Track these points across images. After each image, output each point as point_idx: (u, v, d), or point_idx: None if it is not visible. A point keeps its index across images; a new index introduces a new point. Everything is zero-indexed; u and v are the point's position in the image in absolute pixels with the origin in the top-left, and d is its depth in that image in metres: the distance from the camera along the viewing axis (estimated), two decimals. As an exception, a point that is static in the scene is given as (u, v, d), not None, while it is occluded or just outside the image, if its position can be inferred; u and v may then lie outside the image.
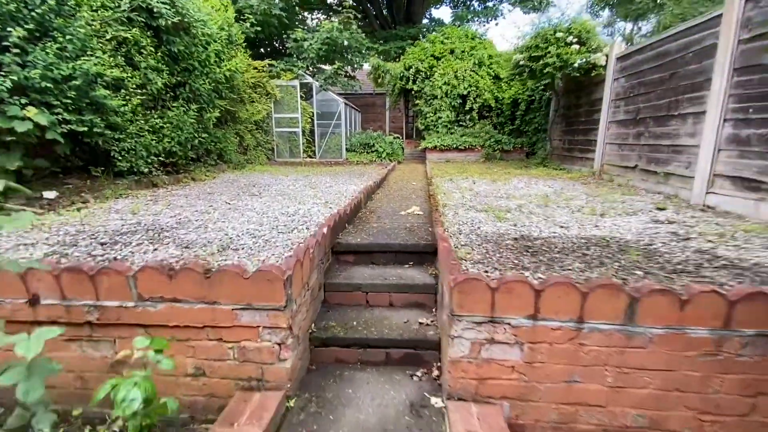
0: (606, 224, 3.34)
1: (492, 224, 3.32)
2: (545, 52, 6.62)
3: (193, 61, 6.40)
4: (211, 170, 7.51)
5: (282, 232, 3.08)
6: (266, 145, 10.47)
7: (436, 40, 11.13)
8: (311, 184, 5.99)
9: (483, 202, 4.35)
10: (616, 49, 6.28)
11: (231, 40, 7.61)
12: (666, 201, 4.40)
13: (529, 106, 9.93)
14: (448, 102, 10.60)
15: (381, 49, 13.24)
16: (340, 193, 5.17)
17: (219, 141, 7.99)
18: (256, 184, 6.04)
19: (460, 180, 6.34)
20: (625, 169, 5.90)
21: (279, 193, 5.11)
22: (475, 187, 5.53)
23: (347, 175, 7.42)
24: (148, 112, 5.73)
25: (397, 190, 5.94)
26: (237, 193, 5.16)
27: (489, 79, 10.58)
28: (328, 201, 4.50)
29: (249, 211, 3.90)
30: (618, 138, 6.12)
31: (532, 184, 5.81)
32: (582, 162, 7.41)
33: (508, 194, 4.85)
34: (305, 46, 9.88)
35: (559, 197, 4.65)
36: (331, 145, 10.85)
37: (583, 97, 7.45)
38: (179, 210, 3.96)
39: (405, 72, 10.94)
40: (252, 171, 8.21)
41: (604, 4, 15.20)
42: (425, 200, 5.03)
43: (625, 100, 5.95)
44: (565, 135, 8.26)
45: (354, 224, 3.68)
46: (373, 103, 17.00)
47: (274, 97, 10.20)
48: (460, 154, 10.42)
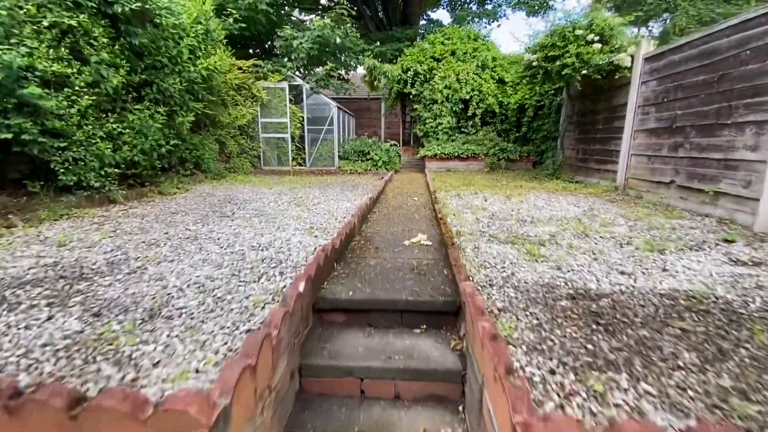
0: (676, 267, 2.54)
1: (528, 266, 2.50)
2: (563, 52, 5.88)
3: (162, 57, 5.55)
4: (185, 181, 6.63)
5: (244, 282, 2.24)
6: (252, 152, 9.61)
7: (436, 41, 10.39)
8: (297, 200, 5.15)
9: (505, 229, 3.54)
10: (644, 49, 5.55)
11: (209, 36, 6.77)
12: (724, 228, 3.63)
13: (537, 112, 9.20)
14: (449, 107, 9.85)
15: (377, 50, 12.50)
16: (329, 212, 4.33)
17: (195, 148, 7.12)
18: (232, 200, 5.18)
19: (468, 195, 5.54)
20: (657, 185, 5.15)
21: (256, 213, 4.25)
22: (488, 205, 4.73)
23: (339, 188, 6.59)
24: (104, 116, 4.86)
25: (397, 207, 5.13)
26: (205, 213, 4.30)
27: (493, 83, 9.86)
28: (313, 226, 3.65)
29: (211, 243, 3.04)
30: (647, 149, 5.37)
31: (553, 201, 5.02)
32: (600, 174, 6.66)
33: (532, 217, 4.05)
34: (295, 45, 9.07)
35: (594, 221, 3.86)
36: (322, 152, 10.02)
37: (602, 102, 6.72)
38: (123, 240, 3.09)
39: (402, 75, 10.17)
40: (233, 182, 7.34)
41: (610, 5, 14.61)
42: (431, 221, 4.21)
43: (657, 106, 5.22)
44: (579, 144, 7.52)
45: (345, 261, 2.85)
46: (367, 107, 16.22)
47: (260, 100, 9.36)
48: (462, 163, 9.65)
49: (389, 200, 5.74)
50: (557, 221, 3.87)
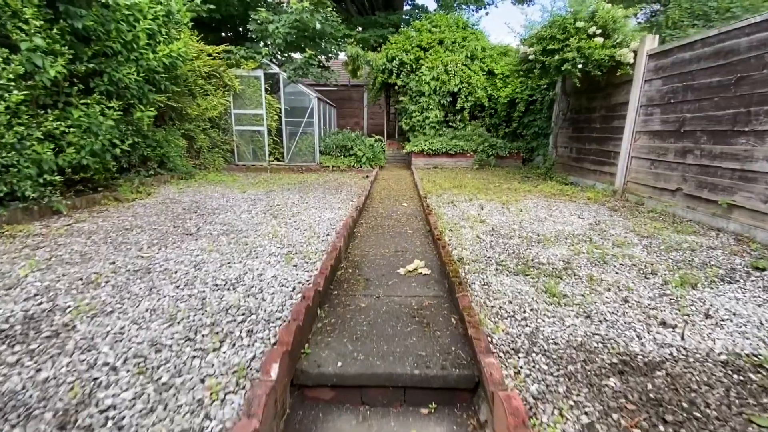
0: (719, 311, 2.19)
1: (552, 313, 2.09)
2: (563, 45, 5.45)
3: (113, 43, 4.81)
4: (148, 183, 5.93)
5: (201, 350, 1.73)
6: (224, 146, 8.88)
7: (422, 29, 9.79)
8: (273, 209, 4.59)
9: (511, 251, 3.13)
10: (648, 44, 5.19)
11: (171, 18, 5.99)
12: (745, 248, 3.34)
13: (529, 107, 8.81)
14: (436, 100, 9.34)
15: (359, 36, 11.76)
16: (310, 227, 3.81)
17: (159, 145, 6.40)
18: (198, 208, 4.57)
19: (462, 202, 5.11)
20: (661, 191, 4.85)
21: (225, 230, 3.69)
22: (486, 216, 4.31)
23: (321, 190, 6.05)
24: (42, 113, 4.14)
25: (386, 217, 4.65)
26: (165, 229, 3.70)
27: (482, 75, 9.39)
28: (292, 249, 3.14)
29: (165, 280, 2.49)
30: (650, 152, 5.06)
31: (554, 210, 4.66)
32: (596, 176, 6.36)
33: (537, 233, 3.65)
34: (270, 29, 8.30)
35: (605, 239, 3.50)
36: (302, 147, 9.37)
37: (599, 100, 6.37)
38: (56, 276, 2.50)
39: (387, 64, 9.55)
40: (202, 182, 6.67)
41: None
42: (426, 237, 3.76)
43: (662, 107, 4.88)
44: (573, 142, 7.20)
45: (331, 302, 2.37)
46: (349, 96, 15.49)
47: (233, 90, 8.60)
48: (450, 160, 9.22)
49: (376, 206, 5.25)
50: (566, 239, 3.48)
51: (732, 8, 8.47)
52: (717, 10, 8.79)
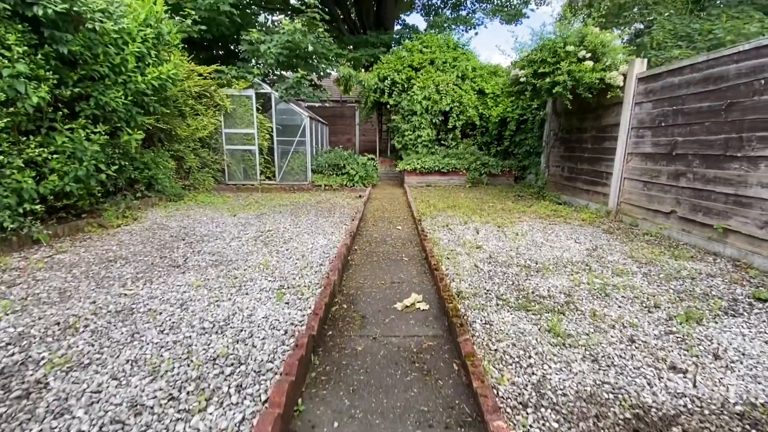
0: (727, 351, 2.12)
1: (558, 357, 2.00)
2: (554, 68, 5.50)
3: (100, 67, 4.71)
4: (135, 207, 5.77)
5: (185, 411, 1.60)
6: (215, 165, 8.75)
7: (414, 49, 9.90)
8: (264, 235, 4.46)
9: (511, 282, 3.05)
10: (638, 68, 5.27)
11: (161, 40, 5.93)
12: (744, 274, 3.31)
13: (520, 126, 8.89)
14: (428, 119, 9.37)
15: (350, 56, 11.86)
16: (303, 256, 3.70)
17: (146, 167, 6.26)
18: (187, 235, 4.43)
19: (457, 225, 5.04)
20: (655, 213, 4.86)
21: (214, 260, 3.55)
22: (482, 241, 4.24)
23: (314, 212, 5.94)
24: (24, 140, 4.00)
25: (380, 242, 4.55)
26: (151, 260, 3.55)
27: (473, 94, 9.47)
28: (284, 283, 3.02)
29: (149, 323, 2.35)
30: (643, 174, 5.08)
31: (550, 234, 4.61)
32: (589, 196, 6.37)
33: (535, 261, 3.58)
34: (262, 50, 8.30)
35: (604, 267, 3.44)
36: (293, 165, 9.28)
37: (589, 121, 6.43)
38: (31, 319, 2.34)
39: (379, 83, 9.60)
40: (191, 204, 6.53)
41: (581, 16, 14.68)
42: (422, 265, 3.67)
43: (653, 130, 4.93)
44: (565, 162, 7.24)
45: (325, 346, 2.25)
46: (341, 113, 15.53)
47: (224, 109, 8.53)
48: (443, 178, 9.21)
49: (370, 230, 5.16)
50: (565, 267, 3.42)
51: (714, 30, 8.73)
52: (700, 32, 9.05)
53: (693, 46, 8.95)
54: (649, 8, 10.51)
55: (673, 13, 10.28)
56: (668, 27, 9.35)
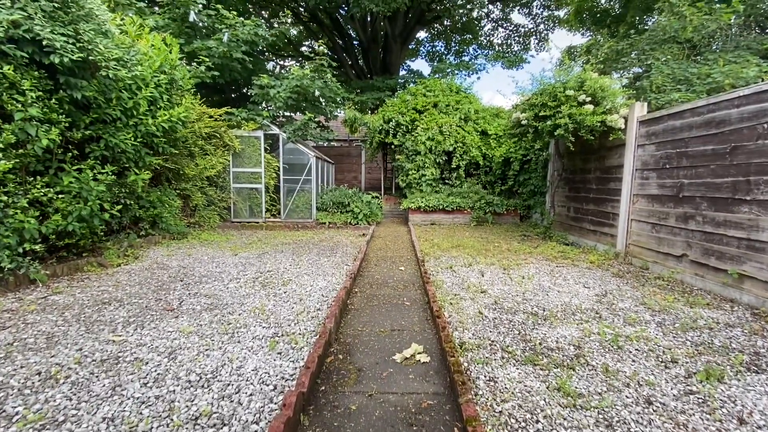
0: (752, 414, 1.93)
1: (569, 421, 1.83)
2: (554, 112, 5.60)
3: (113, 111, 4.88)
4: (137, 245, 5.76)
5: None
6: (221, 203, 8.85)
7: (417, 93, 10.24)
8: (263, 276, 4.37)
9: (517, 332, 2.89)
10: (638, 111, 5.33)
11: (174, 85, 6.20)
12: (762, 324, 3.11)
13: (523, 166, 8.95)
14: (432, 158, 9.50)
15: (357, 99, 12.31)
16: (301, 300, 3.59)
17: (152, 206, 6.32)
18: (185, 276, 4.36)
19: (461, 268, 4.92)
20: (665, 257, 4.70)
21: (209, 304, 3.45)
22: (487, 285, 4.10)
23: (316, 251, 5.87)
24: (30, 180, 4.07)
25: (382, 284, 4.43)
26: (146, 303, 3.47)
27: (476, 135, 9.65)
28: (279, 330, 2.90)
29: (133, 374, 2.23)
30: (651, 216, 4.99)
31: (558, 277, 4.46)
32: (597, 237, 6.25)
33: (543, 308, 3.43)
34: (272, 94, 8.63)
35: (616, 316, 3.27)
36: (299, 203, 9.35)
37: (593, 162, 6.44)
38: (12, 368, 2.23)
39: (384, 125, 9.85)
40: (194, 242, 6.51)
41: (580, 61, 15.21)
42: (424, 311, 3.53)
43: (658, 172, 4.89)
44: (571, 202, 7.18)
45: (317, 401, 2.10)
46: (347, 153, 15.89)
47: (233, 149, 8.75)
48: (447, 216, 9.17)
49: (372, 270, 5.05)
50: (573, 315, 3.26)
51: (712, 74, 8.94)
52: (698, 76, 9.27)
53: (692, 89, 9.11)
54: (647, 54, 10.87)
55: (670, 58, 10.59)
56: (666, 71, 9.60)
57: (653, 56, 11.14)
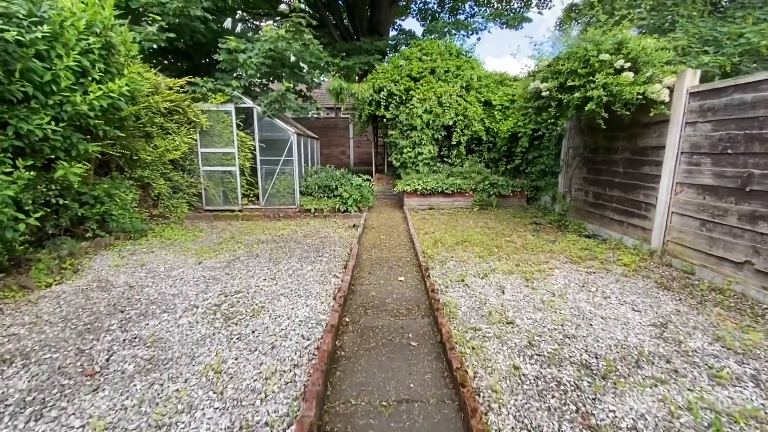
0: None
1: None
2: (585, 82, 4.57)
3: (19, 87, 3.70)
4: (82, 252, 4.74)
5: None
6: (190, 189, 7.73)
7: (412, 57, 8.96)
8: (227, 302, 3.44)
9: (573, 407, 2.06)
10: (689, 81, 4.34)
11: (112, 51, 4.94)
12: None
13: (533, 142, 7.96)
14: (430, 134, 8.42)
15: (343, 64, 10.93)
16: (273, 347, 2.69)
17: (99, 201, 5.24)
18: (129, 304, 3.41)
19: (475, 279, 4.05)
20: (719, 261, 3.90)
21: (147, 360, 2.54)
22: (513, 311, 3.25)
23: (298, 254, 4.94)
24: None
25: (379, 307, 3.57)
26: (61, 359, 2.53)
27: (479, 106, 8.54)
28: (235, 414, 2.01)
29: None
30: (700, 211, 4.14)
31: (594, 293, 3.64)
32: (623, 228, 5.42)
33: (594, 353, 2.60)
34: (241, 60, 7.32)
35: (692, 365, 2.47)
36: (279, 187, 8.27)
37: (621, 140, 5.50)
38: None
39: (374, 95, 8.64)
40: (155, 242, 5.50)
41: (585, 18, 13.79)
42: (438, 359, 2.69)
43: (715, 158, 3.99)
44: (589, 185, 6.30)
45: None
46: (334, 125, 14.57)
47: (199, 127, 7.53)
48: (447, 199, 8.24)
49: (365, 283, 4.16)
50: (638, 367, 2.44)
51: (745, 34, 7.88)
52: (728, 36, 8.20)
53: (721, 52, 8.09)
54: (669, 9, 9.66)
55: (695, 15, 9.43)
56: (693, 31, 8.49)
57: (676, 12, 9.94)
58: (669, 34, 9.32)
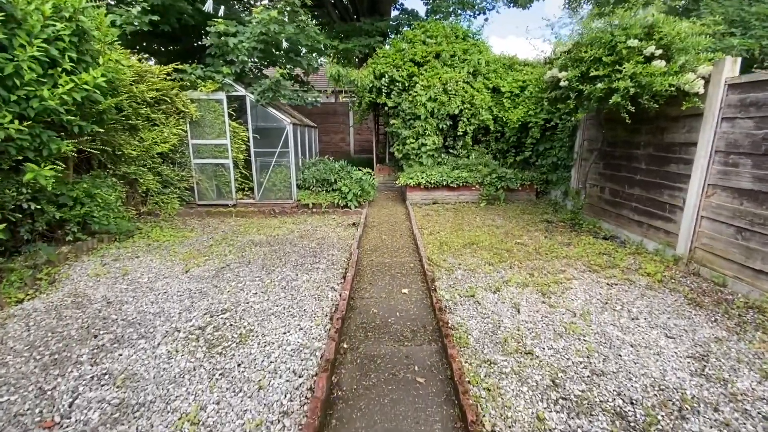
0: None
1: None
2: (611, 70, 4.09)
3: (-27, 81, 3.27)
4: (60, 259, 4.40)
5: None
6: (181, 183, 7.34)
7: (416, 40, 8.37)
8: (213, 324, 3.10)
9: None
10: (728, 70, 3.87)
11: (85, 38, 4.47)
12: None
13: (544, 133, 7.48)
14: (434, 124, 7.93)
15: (342, 47, 10.30)
16: (260, 388, 2.36)
17: (79, 202, 4.87)
18: (104, 326, 3.08)
19: (486, 293, 3.70)
20: (756, 275, 3.53)
21: (116, 405, 2.21)
22: (531, 340, 2.91)
23: (293, 260, 4.58)
24: None
25: (381, 328, 3.24)
26: (20, 405, 2.20)
27: (487, 93, 8.02)
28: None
29: None
30: (736, 217, 3.74)
31: (620, 312, 3.29)
32: (643, 230, 5.04)
33: (629, 396, 2.26)
34: (231, 44, 6.80)
35: (745, 415, 2.13)
36: (275, 181, 7.86)
37: (644, 134, 5.05)
38: None
39: (375, 82, 8.10)
40: (141, 244, 5.16)
41: None
42: (447, 398, 2.36)
43: (756, 159, 3.56)
44: (606, 181, 5.87)
45: None
46: (333, 111, 14.00)
47: (189, 117, 7.09)
48: (452, 194, 7.83)
49: (366, 296, 3.82)
50: (683, 417, 2.10)
51: (776, 14, 7.29)
52: (757, 16, 7.60)
53: (750, 34, 7.51)
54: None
55: (718, -8, 8.76)
56: (719, 10, 7.87)
57: (700, -10, 9.26)
58: (693, 14, 8.67)
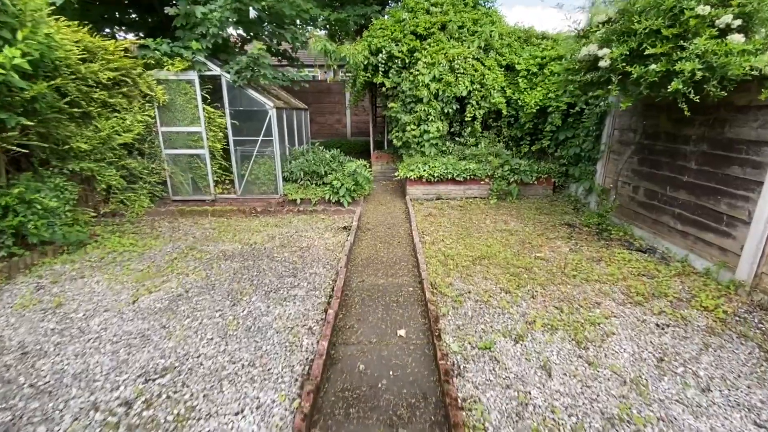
0: None
1: None
2: (671, 48, 3.13)
3: None
4: (-25, 288, 3.62)
5: None
6: (152, 177, 6.47)
7: (418, 8, 7.23)
8: (150, 385, 2.33)
9: None
10: (832, 47, 2.91)
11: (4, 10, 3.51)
12: None
13: (566, 119, 6.50)
14: (438, 108, 6.93)
15: (334, 17, 9.11)
16: None
17: (11, 211, 4.04)
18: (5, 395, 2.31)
19: (505, 344, 2.90)
20: None
21: None
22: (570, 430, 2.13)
23: (266, 282, 3.76)
24: None
25: (369, 389, 2.48)
26: None
27: (500, 72, 6.97)
28: None
29: None
30: (831, 243, 2.88)
31: (683, 374, 2.50)
32: (689, 243, 4.19)
33: None
34: (199, 13, 5.75)
35: None
36: (258, 173, 6.97)
37: (697, 126, 4.11)
38: None
39: (371, 58, 7.04)
40: (94, 254, 4.38)
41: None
42: None
43: None
44: (641, 180, 4.97)
45: None
46: (327, 89, 12.85)
47: (156, 101, 6.14)
48: (458, 188, 6.94)
49: (352, 339, 3.04)
50: None
51: None
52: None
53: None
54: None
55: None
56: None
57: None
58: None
